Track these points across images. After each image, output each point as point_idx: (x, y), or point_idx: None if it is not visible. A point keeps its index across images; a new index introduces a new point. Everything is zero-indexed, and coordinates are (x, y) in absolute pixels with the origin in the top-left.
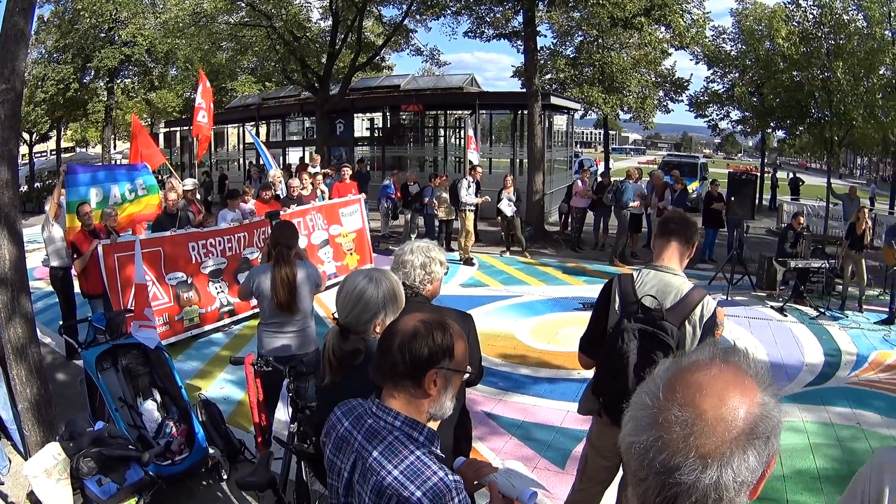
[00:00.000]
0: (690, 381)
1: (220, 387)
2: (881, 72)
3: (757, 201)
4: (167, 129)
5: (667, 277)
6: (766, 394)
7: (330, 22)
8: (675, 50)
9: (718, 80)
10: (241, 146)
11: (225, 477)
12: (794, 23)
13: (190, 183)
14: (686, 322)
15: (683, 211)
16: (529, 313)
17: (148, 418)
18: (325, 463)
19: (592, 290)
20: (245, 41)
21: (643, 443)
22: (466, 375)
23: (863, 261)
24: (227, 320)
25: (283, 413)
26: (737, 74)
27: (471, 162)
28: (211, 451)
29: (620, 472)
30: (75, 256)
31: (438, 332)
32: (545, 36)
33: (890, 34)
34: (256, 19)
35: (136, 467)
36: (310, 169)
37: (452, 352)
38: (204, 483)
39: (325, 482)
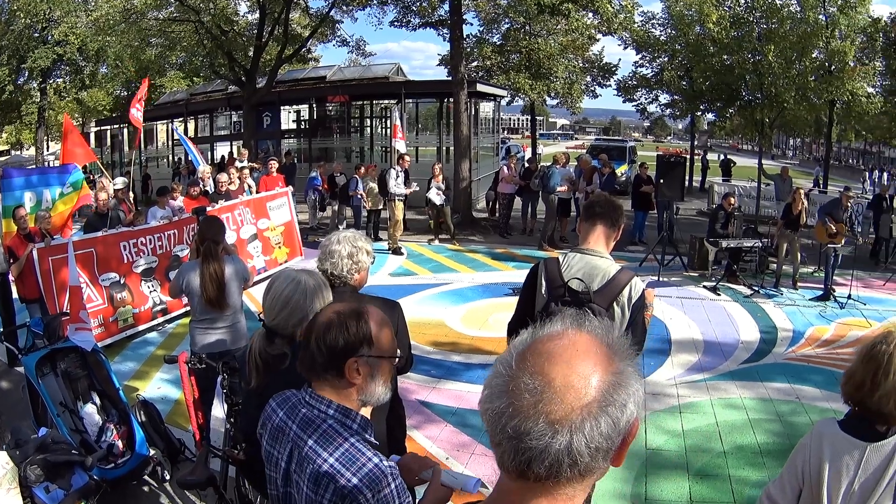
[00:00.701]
0: (541, 350)
1: (158, 386)
2: (814, 55)
3: (687, 183)
4: (98, 128)
5: (593, 260)
6: (623, 362)
7: (257, 15)
8: (603, 35)
9: (647, 64)
10: (170, 143)
11: (167, 477)
12: (725, 7)
13: (120, 182)
14: (614, 303)
15: (609, 194)
16: (459, 300)
17: (89, 422)
18: (263, 454)
19: (522, 275)
20: (174, 37)
21: (496, 409)
22: (396, 360)
23: (797, 240)
24: (160, 319)
25: (220, 410)
26: (666, 59)
27: (398, 151)
28: (152, 451)
29: None
30: (12, 261)
31: (352, 321)
32: (471, 24)
33: (823, 18)
34: (185, 14)
35: (81, 472)
36: (236, 163)
37: (370, 339)
38: (147, 484)
39: (259, 486)
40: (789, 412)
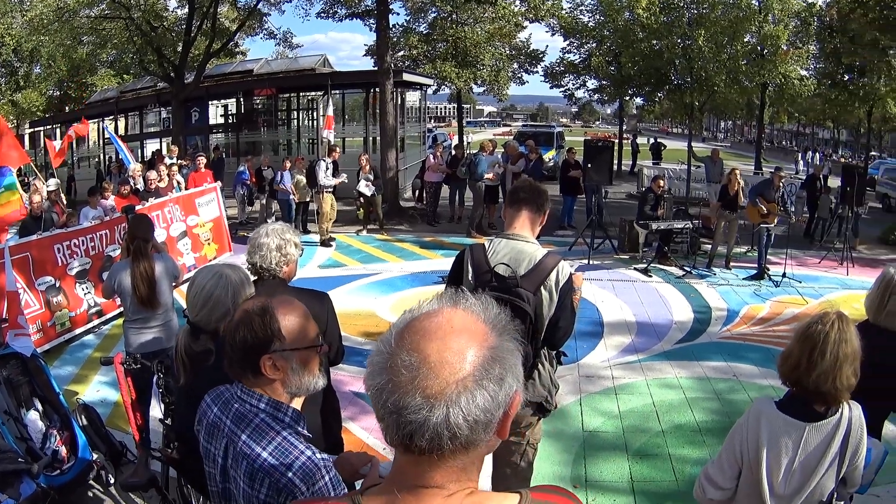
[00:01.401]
0: (418, 328)
1: (97, 389)
2: (746, 39)
3: (616, 167)
4: (32, 130)
5: (519, 245)
6: (500, 338)
7: (186, 10)
8: (531, 23)
9: (575, 50)
10: (101, 142)
11: (112, 481)
12: None
13: (53, 183)
14: (542, 288)
15: (534, 180)
16: (389, 290)
17: (33, 429)
18: (201, 450)
19: (450, 263)
20: (104, 34)
21: (377, 385)
22: (318, 349)
23: (735, 220)
24: (96, 321)
25: (158, 410)
26: (594, 45)
27: (329, 143)
28: (94, 456)
29: None
30: None
31: (257, 318)
32: (398, 14)
33: (756, 3)
34: (116, 11)
35: (29, 480)
36: (166, 160)
37: (280, 333)
38: (92, 489)
39: (196, 485)
40: (727, 390)
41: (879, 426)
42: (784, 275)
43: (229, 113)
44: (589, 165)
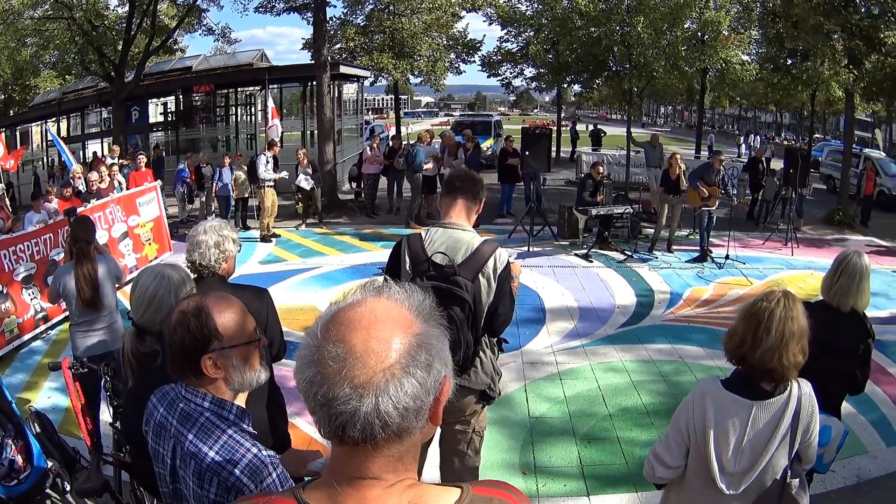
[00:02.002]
0: (342, 319)
1: (47, 396)
2: (686, 25)
3: (554, 154)
4: None
5: (456, 234)
6: (425, 325)
7: (126, 8)
8: (468, 12)
9: (512, 39)
10: (45, 144)
11: (68, 488)
12: None
13: None
14: (479, 275)
15: (469, 168)
16: (330, 283)
17: None
18: (150, 451)
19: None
20: (47, 35)
21: (306, 378)
22: (258, 342)
23: (679, 203)
24: (43, 327)
25: (108, 414)
26: (531, 33)
27: (278, 130)
28: (49, 463)
29: None
30: None
31: (192, 319)
32: (335, 6)
33: None
34: (58, 11)
35: None
36: (107, 160)
37: (217, 332)
38: (50, 497)
39: (148, 487)
40: (672, 372)
41: (838, 405)
42: (727, 257)
43: (169, 111)
44: (527, 153)
